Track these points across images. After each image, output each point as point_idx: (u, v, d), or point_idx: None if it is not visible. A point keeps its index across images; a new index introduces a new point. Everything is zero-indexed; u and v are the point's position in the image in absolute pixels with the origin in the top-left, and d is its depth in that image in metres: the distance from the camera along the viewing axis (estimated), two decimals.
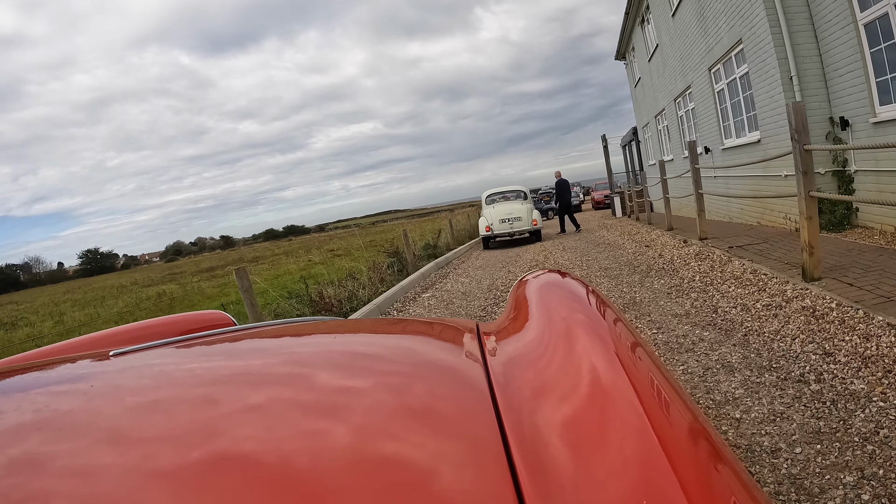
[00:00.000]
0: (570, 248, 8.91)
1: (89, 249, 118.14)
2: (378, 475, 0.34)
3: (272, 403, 0.46)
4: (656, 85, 12.98)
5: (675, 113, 11.47)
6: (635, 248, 7.42)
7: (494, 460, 0.35)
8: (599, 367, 0.48)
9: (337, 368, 0.57)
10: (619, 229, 11.23)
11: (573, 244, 9.62)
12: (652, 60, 12.95)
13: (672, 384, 0.47)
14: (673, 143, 12.14)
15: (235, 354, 0.67)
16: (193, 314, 1.33)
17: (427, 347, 0.67)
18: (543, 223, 12.79)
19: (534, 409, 0.42)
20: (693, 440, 0.40)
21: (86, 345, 1.13)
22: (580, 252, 8.09)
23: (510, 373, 0.50)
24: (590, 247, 8.70)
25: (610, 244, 8.49)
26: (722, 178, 8.79)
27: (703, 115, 9.22)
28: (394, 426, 0.42)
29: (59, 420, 0.44)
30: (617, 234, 10.23)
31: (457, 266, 8.88)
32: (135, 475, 0.34)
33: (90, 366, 0.66)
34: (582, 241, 9.90)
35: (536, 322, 0.64)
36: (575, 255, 7.70)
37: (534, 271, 0.89)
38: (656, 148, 14.37)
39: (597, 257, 7.04)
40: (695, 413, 0.43)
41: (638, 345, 0.55)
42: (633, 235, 9.29)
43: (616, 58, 18.41)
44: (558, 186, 13.05)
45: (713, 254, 5.25)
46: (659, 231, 8.66)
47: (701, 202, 6.08)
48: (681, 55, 10.01)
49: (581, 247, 8.92)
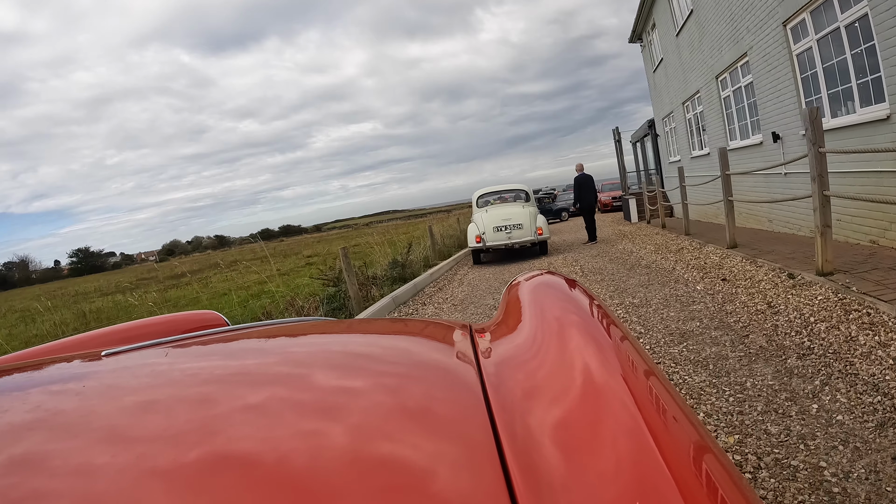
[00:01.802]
0: (594, 272, 6.45)
1: (79, 248, 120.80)
2: (370, 476, 0.34)
3: (264, 404, 0.46)
4: (687, 63, 10.61)
5: (716, 93, 9.08)
6: (695, 278, 5.01)
7: (487, 461, 0.35)
8: (592, 367, 0.48)
9: (330, 369, 0.57)
10: (647, 240, 8.82)
11: (594, 262, 7.19)
12: (682, 33, 10.57)
13: (664, 385, 0.47)
14: (712, 132, 9.73)
15: (228, 355, 0.67)
16: (186, 314, 1.31)
17: (420, 348, 0.68)
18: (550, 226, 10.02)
19: (526, 409, 0.42)
20: (685, 441, 0.39)
21: (78, 344, 1.12)
22: (611, 280, 5.59)
23: (503, 373, 0.51)
24: (619, 269, 6.27)
25: (651, 267, 6.00)
26: (794, 175, 6.42)
27: (770, 90, 6.83)
28: (386, 426, 0.41)
29: (50, 420, 0.44)
30: (649, 248, 7.78)
31: (432, 295, 6.43)
32: (126, 475, 0.34)
33: (82, 366, 0.67)
34: (604, 258, 7.46)
35: (529, 322, 0.64)
36: (607, 289, 5.16)
37: (527, 272, 0.88)
38: (683, 141, 11.98)
39: (647, 297, 4.35)
40: (687, 413, 0.43)
41: (631, 345, 0.55)
42: (675, 252, 6.86)
43: (630, 40, 16.07)
44: (579, 183, 10.19)
45: (881, 313, 2.80)
46: (713, 247, 6.26)
47: (826, 212, 3.55)
48: (730, 16, 7.64)
49: (608, 269, 6.40)
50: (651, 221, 12.52)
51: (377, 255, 7.98)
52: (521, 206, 9.27)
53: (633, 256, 7.16)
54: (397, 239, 12.93)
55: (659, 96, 14.38)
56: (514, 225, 8.61)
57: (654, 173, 17.79)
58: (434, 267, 8.34)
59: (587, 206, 10.12)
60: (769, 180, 7.26)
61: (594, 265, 6.91)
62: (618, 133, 15.92)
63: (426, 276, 7.29)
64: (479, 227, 8.71)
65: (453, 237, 12.05)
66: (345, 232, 59.28)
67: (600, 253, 8.16)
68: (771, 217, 7.43)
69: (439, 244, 10.54)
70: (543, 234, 8.63)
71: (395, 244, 10.21)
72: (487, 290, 6.07)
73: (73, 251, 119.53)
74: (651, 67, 14.82)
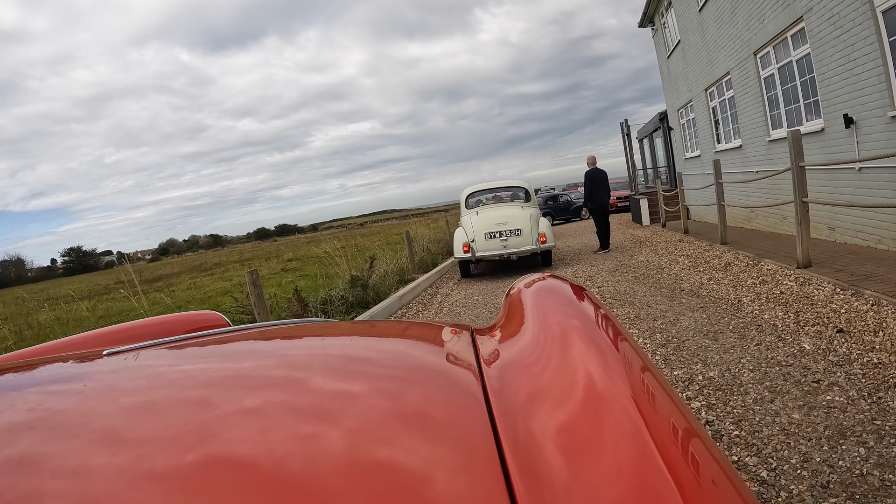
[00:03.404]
0: (619, 298, 4.89)
1: (71, 248, 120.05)
2: (370, 480, 0.34)
3: (265, 405, 0.46)
4: (713, 42, 9.10)
5: (753, 73, 7.56)
6: (784, 321, 3.47)
7: (488, 465, 0.35)
8: (595, 372, 0.47)
9: (331, 371, 0.57)
10: (672, 249, 7.31)
11: (615, 282, 5.62)
12: (706, 7, 9.07)
13: (667, 390, 0.47)
14: (746, 120, 8.21)
15: (229, 356, 0.67)
16: (187, 314, 1.30)
17: (421, 350, 0.67)
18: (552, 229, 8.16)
19: (528, 413, 0.42)
20: (687, 447, 0.39)
21: (79, 344, 1.10)
22: (648, 314, 4.05)
23: (505, 377, 0.50)
24: (654, 295, 4.74)
25: (701, 295, 4.42)
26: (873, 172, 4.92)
27: (839, 62, 5.31)
28: (386, 430, 0.41)
29: (52, 419, 0.44)
30: (682, 262, 6.21)
31: None
32: (126, 476, 0.34)
33: (84, 365, 0.67)
34: (626, 275, 5.91)
35: (532, 326, 0.63)
36: (649, 335, 3.58)
37: (528, 276, 0.86)
38: (706, 133, 10.46)
39: (725, 365, 2.74)
40: (689, 419, 0.42)
41: (633, 350, 0.55)
42: (723, 270, 5.32)
43: (641, 24, 14.58)
44: (591, 179, 8.32)
45: None
46: (774, 265, 4.74)
47: None
48: None
49: (638, 295, 4.79)
50: (666, 224, 11.03)
51: (345, 267, 6.44)
52: (520, 206, 7.59)
53: (666, 274, 5.58)
54: (368, 245, 11.09)
55: (674, 85, 12.86)
56: (511, 230, 6.98)
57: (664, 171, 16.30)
58: (410, 283, 6.73)
59: (600, 207, 8.39)
60: (833, 177, 5.74)
61: (617, 287, 5.27)
62: (626, 126, 14.38)
63: (394, 300, 5.68)
64: (468, 234, 7.08)
65: (441, 242, 10.47)
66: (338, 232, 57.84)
67: (619, 266, 6.60)
68: (833, 224, 5.92)
69: (422, 252, 8.95)
70: (547, 243, 6.98)
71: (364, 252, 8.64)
72: (474, 321, 4.55)
73: (66, 250, 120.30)
74: (664, 53, 13.31)
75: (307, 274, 11.58)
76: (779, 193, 7.23)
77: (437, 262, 8.97)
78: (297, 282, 10.76)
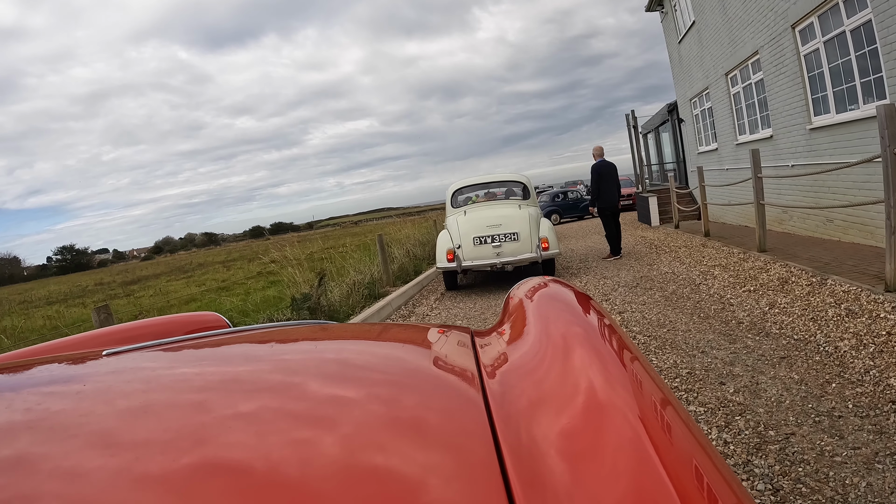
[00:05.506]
0: (652, 332, 3.71)
1: (64, 246, 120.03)
2: (368, 486, 0.34)
3: (264, 408, 0.45)
4: (735, 19, 7.95)
5: (790, 51, 6.42)
6: None
7: (488, 473, 0.35)
8: (596, 379, 0.47)
9: (330, 375, 0.56)
10: (699, 257, 6.16)
11: (640, 304, 4.38)
12: None
13: (668, 398, 0.47)
14: (777, 106, 7.06)
15: (229, 357, 0.67)
16: (187, 315, 1.30)
17: (421, 354, 0.66)
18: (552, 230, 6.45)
19: (529, 420, 0.42)
20: (689, 455, 0.39)
21: (79, 344, 1.10)
22: (704, 372, 2.81)
23: (505, 382, 0.50)
24: (699, 329, 3.55)
25: (769, 333, 3.12)
26: None
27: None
28: (385, 435, 0.41)
29: (50, 419, 0.44)
30: (720, 275, 4.99)
31: None
32: (124, 477, 0.34)
33: (83, 365, 0.66)
34: (654, 294, 4.71)
35: (533, 331, 0.63)
36: (730, 423, 2.41)
37: (529, 280, 0.86)
38: (726, 123, 9.31)
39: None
40: (690, 427, 0.42)
41: (634, 357, 0.54)
42: (782, 290, 4.14)
43: (648, 8, 13.45)
44: (599, 173, 7.08)
45: None
46: (847, 283, 3.56)
47: None
48: None
49: (678, 328, 3.58)
50: (680, 225, 9.90)
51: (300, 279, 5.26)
52: (517, 205, 6.27)
53: (705, 294, 4.34)
54: (348, 245, 9.54)
55: (686, 72, 11.72)
56: (506, 235, 5.75)
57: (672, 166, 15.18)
58: (382, 300, 5.49)
59: (609, 206, 7.12)
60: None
61: (645, 313, 3.95)
62: (633, 118, 13.22)
63: (358, 323, 4.53)
64: (454, 238, 5.83)
65: (427, 245, 9.26)
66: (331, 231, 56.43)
67: (639, 280, 5.37)
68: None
69: (403, 258, 7.76)
70: (550, 250, 5.71)
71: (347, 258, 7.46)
72: None
73: (58, 249, 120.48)
74: (675, 38, 12.16)
75: (280, 280, 10.41)
76: (821, 190, 6.10)
77: (422, 270, 7.78)
78: (267, 290, 9.62)
